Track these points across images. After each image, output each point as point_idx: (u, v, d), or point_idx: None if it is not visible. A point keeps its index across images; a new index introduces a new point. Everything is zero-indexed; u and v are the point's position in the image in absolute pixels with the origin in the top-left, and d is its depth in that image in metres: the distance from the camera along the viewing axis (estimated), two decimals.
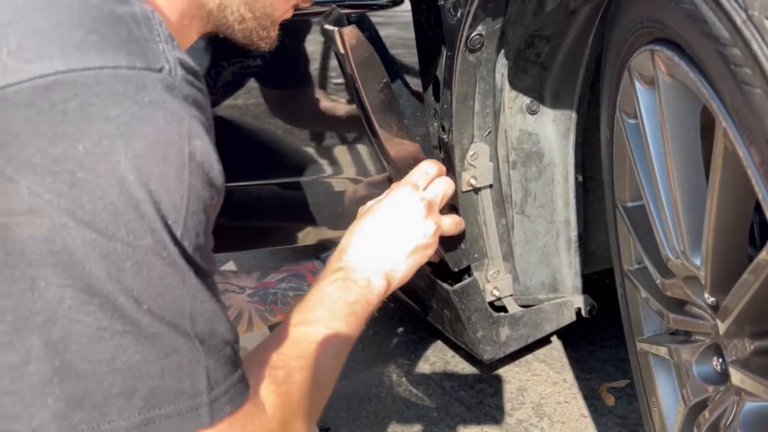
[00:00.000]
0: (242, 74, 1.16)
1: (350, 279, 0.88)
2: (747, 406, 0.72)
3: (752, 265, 0.62)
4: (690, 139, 0.74)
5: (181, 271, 0.53)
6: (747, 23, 0.53)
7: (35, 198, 0.47)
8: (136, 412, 0.52)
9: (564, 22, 0.98)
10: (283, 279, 1.11)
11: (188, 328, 0.53)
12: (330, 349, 0.81)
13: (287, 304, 1.09)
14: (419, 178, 0.98)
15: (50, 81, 0.47)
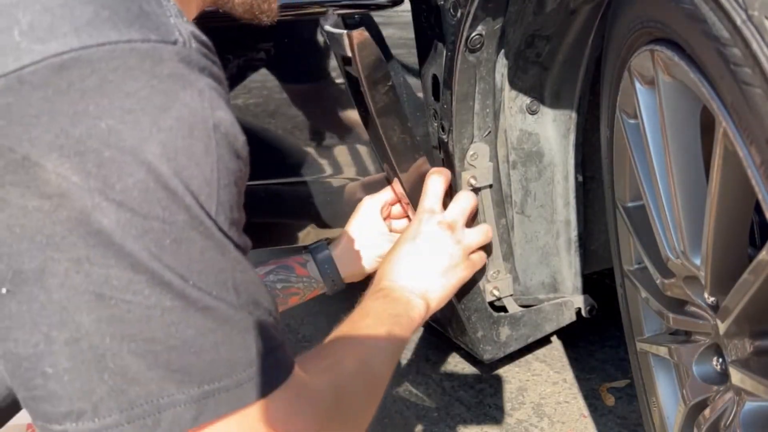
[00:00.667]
0: (243, 71, 1.16)
1: (391, 297, 0.93)
2: (747, 406, 0.72)
3: (752, 265, 0.63)
4: (690, 139, 0.74)
5: (220, 245, 0.52)
6: (747, 23, 0.53)
7: (64, 180, 0.47)
8: (195, 386, 0.52)
9: (564, 22, 0.98)
10: (271, 272, 1.09)
11: (234, 300, 0.53)
12: (379, 351, 0.82)
13: (276, 296, 1.07)
14: (432, 203, 1.02)
15: (65, 59, 0.46)
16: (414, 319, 0.92)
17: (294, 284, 1.09)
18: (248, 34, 1.13)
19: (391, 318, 0.89)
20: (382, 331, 0.85)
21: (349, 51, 0.95)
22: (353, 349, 0.80)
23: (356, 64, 0.95)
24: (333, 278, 1.10)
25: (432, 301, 0.97)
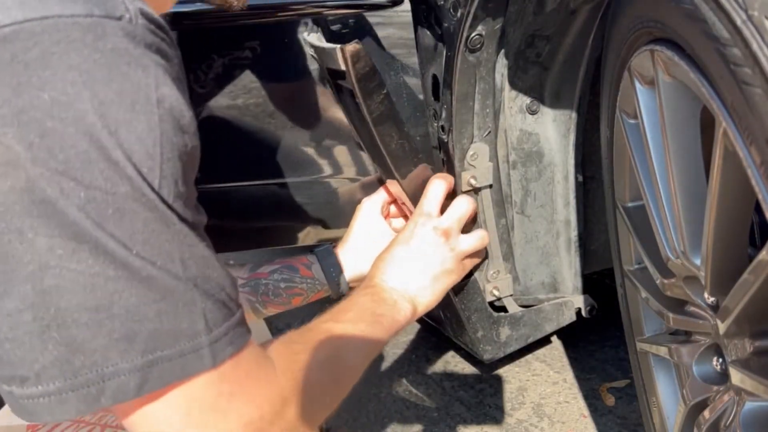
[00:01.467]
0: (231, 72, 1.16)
1: (379, 296, 0.93)
2: (747, 406, 0.72)
3: (752, 265, 0.62)
4: (690, 139, 0.74)
5: (164, 217, 0.53)
6: (747, 23, 0.53)
7: (8, 150, 0.47)
8: (139, 355, 0.53)
9: (564, 22, 0.98)
10: (275, 271, 1.09)
11: (180, 272, 0.54)
12: (353, 346, 0.83)
13: (279, 296, 1.09)
14: (431, 207, 1.02)
15: (8, 32, 0.47)
16: (398, 321, 0.93)
17: (298, 285, 1.09)
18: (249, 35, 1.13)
19: (374, 316, 0.89)
20: (362, 327, 0.86)
21: (343, 65, 0.95)
22: (327, 340, 0.79)
23: (350, 76, 0.95)
24: (338, 282, 1.10)
25: (419, 306, 0.98)
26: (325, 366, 0.75)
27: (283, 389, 0.65)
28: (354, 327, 0.85)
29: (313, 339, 0.77)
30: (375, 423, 1.39)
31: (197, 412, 0.57)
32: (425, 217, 1.01)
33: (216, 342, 0.57)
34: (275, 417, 0.63)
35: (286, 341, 0.74)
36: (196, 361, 0.55)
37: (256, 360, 0.63)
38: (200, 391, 0.57)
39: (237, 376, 0.59)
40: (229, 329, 0.58)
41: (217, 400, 0.58)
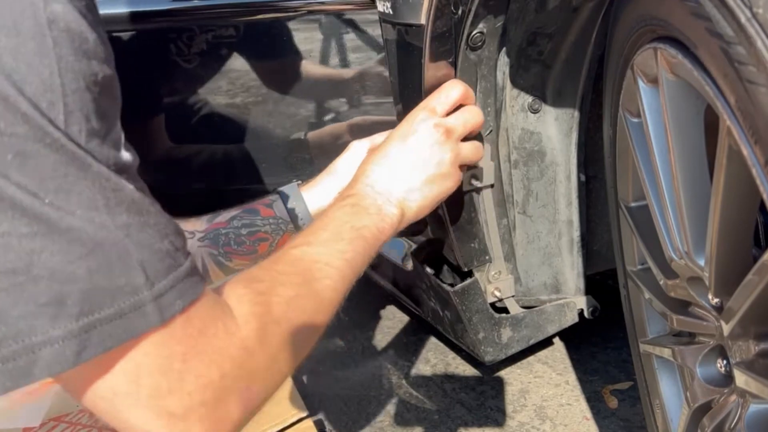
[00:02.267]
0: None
1: (360, 206, 0.83)
2: (751, 409, 0.71)
3: (757, 266, 0.62)
4: (694, 138, 0.73)
5: (76, 158, 0.46)
6: (751, 21, 0.52)
7: None
8: (72, 320, 0.47)
9: (566, 20, 0.98)
10: (234, 217, 1.00)
11: (107, 221, 0.48)
12: (329, 270, 0.73)
13: (242, 244, 0.99)
14: (437, 103, 0.91)
15: None
16: (383, 231, 0.83)
17: (261, 228, 1.00)
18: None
19: (354, 231, 0.79)
20: (341, 246, 0.76)
21: (424, 18, 0.89)
22: (298, 269, 0.70)
23: (427, 32, 0.90)
24: (302, 217, 1.00)
25: (409, 210, 0.87)
26: (296, 304, 0.66)
27: (245, 340, 0.59)
28: (331, 248, 0.75)
29: (280, 272, 0.68)
30: (375, 425, 1.38)
31: (147, 378, 0.52)
32: (429, 111, 0.90)
33: (161, 296, 0.51)
34: (240, 372, 0.58)
35: (248, 279, 0.66)
36: (139, 319, 0.50)
37: (211, 312, 0.56)
38: (148, 353, 0.52)
39: (189, 334, 0.54)
40: (176, 281, 0.52)
41: (169, 362, 0.53)
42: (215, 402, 0.56)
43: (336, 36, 1.17)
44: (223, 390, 0.56)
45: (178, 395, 0.53)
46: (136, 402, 0.53)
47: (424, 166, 0.88)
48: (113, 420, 0.54)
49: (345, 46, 1.19)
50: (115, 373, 0.51)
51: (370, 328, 1.77)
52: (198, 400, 0.54)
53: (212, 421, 0.56)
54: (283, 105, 1.27)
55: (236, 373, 0.57)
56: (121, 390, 0.52)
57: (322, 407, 1.46)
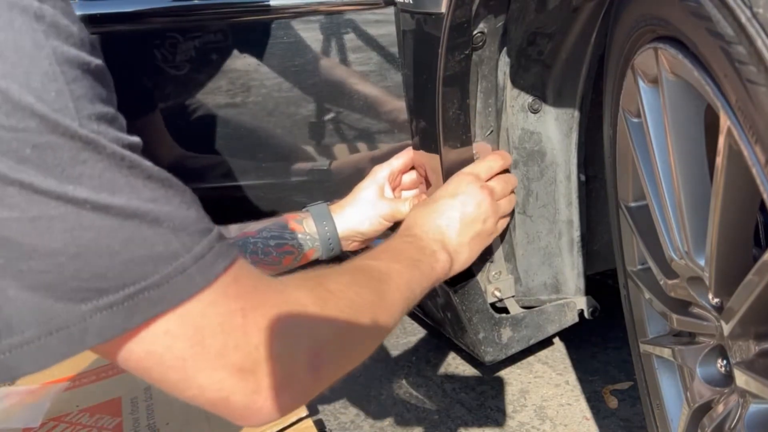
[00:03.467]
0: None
1: (418, 245, 0.91)
2: (752, 409, 0.71)
3: (757, 266, 0.62)
4: (694, 138, 0.73)
5: (90, 142, 0.48)
6: (752, 20, 0.52)
7: None
8: (119, 289, 0.49)
9: (566, 20, 0.98)
10: (264, 228, 1.04)
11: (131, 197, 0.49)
12: (388, 278, 0.78)
13: (269, 254, 1.03)
14: (482, 170, 1.02)
15: None
16: (435, 272, 0.90)
17: (288, 241, 1.04)
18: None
19: (411, 261, 0.86)
20: (399, 268, 0.81)
21: (445, 6, 0.91)
22: (357, 269, 0.76)
23: (447, 21, 0.91)
24: (329, 235, 1.06)
25: (456, 263, 0.96)
26: (355, 289, 0.70)
27: (300, 299, 0.61)
28: (392, 265, 0.80)
29: (337, 271, 0.73)
30: (375, 425, 1.38)
31: (210, 338, 0.54)
32: (474, 176, 1.01)
33: (201, 258, 0.52)
34: (301, 330, 0.60)
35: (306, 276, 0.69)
36: (185, 282, 0.52)
37: (257, 273, 0.59)
38: (205, 314, 0.53)
39: (242, 290, 0.56)
40: (212, 243, 0.54)
41: (229, 319, 0.54)
42: (284, 356, 0.58)
43: (337, 37, 1.17)
44: (290, 344, 0.58)
45: (244, 350, 0.55)
46: (205, 364, 0.54)
47: (473, 223, 0.98)
48: (187, 390, 0.55)
49: (345, 47, 1.18)
50: (177, 339, 0.53)
51: None
52: (265, 353, 0.56)
53: (283, 376, 0.58)
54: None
55: (298, 330, 0.59)
56: (188, 354, 0.53)
57: (322, 407, 1.46)
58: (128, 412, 1.39)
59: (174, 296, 0.51)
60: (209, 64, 1.23)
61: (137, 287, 0.50)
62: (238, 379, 0.56)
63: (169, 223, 0.51)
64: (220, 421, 1.43)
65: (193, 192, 0.56)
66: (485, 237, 1.01)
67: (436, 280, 0.90)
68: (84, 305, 0.49)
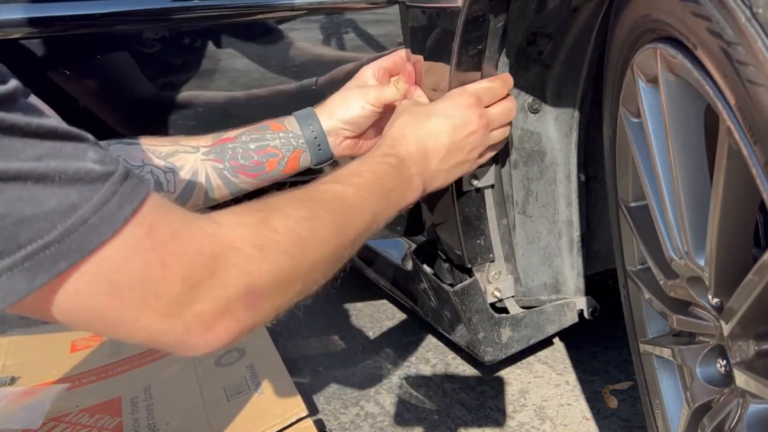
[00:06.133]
0: None
1: (396, 168, 0.86)
2: (751, 409, 0.71)
3: (757, 266, 0.62)
4: (694, 138, 0.73)
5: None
6: (752, 20, 0.52)
7: None
8: (14, 252, 0.47)
9: (566, 20, 0.98)
10: (243, 132, 0.97)
11: (8, 162, 0.47)
12: (352, 209, 0.75)
13: (250, 158, 0.96)
14: (485, 94, 0.96)
15: None
16: (405, 201, 0.87)
17: (269, 142, 0.97)
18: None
19: (382, 189, 0.81)
20: (365, 196, 0.78)
21: (461, 0, 0.89)
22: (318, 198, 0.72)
23: (462, 16, 0.90)
24: (315, 134, 0.98)
25: (429, 188, 0.92)
26: (308, 224, 0.67)
27: (233, 241, 0.58)
28: (362, 195, 0.77)
29: (297, 198, 0.69)
30: (375, 425, 1.38)
31: (128, 291, 0.52)
32: (477, 99, 0.95)
33: (103, 206, 0.50)
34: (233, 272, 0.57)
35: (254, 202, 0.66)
36: (88, 233, 0.49)
37: (179, 216, 0.56)
38: (118, 269, 0.51)
39: (160, 240, 0.53)
40: (115, 187, 0.51)
41: (147, 271, 0.52)
42: (211, 298, 0.56)
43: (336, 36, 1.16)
44: (218, 286, 0.56)
45: (167, 298, 0.54)
46: (127, 315, 0.53)
47: (459, 152, 0.93)
48: (116, 335, 0.55)
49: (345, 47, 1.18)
50: (93, 295, 0.51)
51: (370, 328, 1.76)
52: (190, 298, 0.55)
53: (212, 316, 0.56)
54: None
55: (230, 272, 0.57)
56: (107, 308, 0.52)
57: (322, 407, 1.46)
58: (128, 412, 1.39)
59: (77, 249, 0.49)
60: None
61: (34, 246, 0.48)
62: (166, 324, 0.55)
63: (60, 176, 0.48)
64: (221, 421, 1.44)
65: (86, 133, 0.53)
66: (466, 167, 0.96)
67: (402, 208, 0.87)
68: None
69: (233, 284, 0.58)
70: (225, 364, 1.55)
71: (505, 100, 0.99)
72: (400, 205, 0.85)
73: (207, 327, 0.56)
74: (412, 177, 0.88)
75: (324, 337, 1.76)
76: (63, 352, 1.59)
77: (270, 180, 0.99)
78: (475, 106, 0.94)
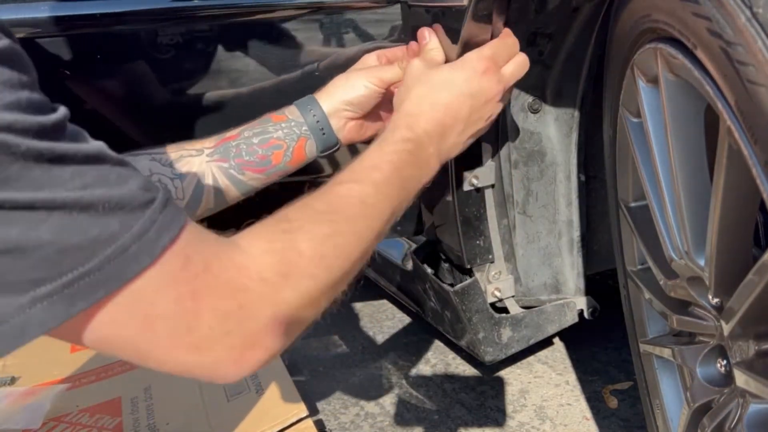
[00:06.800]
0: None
1: (414, 155, 0.82)
2: (751, 408, 0.71)
3: (757, 266, 0.62)
4: (694, 138, 0.73)
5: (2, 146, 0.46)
6: (752, 20, 0.52)
7: None
8: (56, 279, 0.47)
9: (566, 20, 0.98)
10: (245, 129, 0.95)
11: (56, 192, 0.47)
12: (374, 212, 0.73)
13: (254, 154, 0.95)
14: (502, 54, 0.91)
15: None
16: (421, 184, 0.84)
17: (272, 134, 0.95)
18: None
19: (402, 181, 0.79)
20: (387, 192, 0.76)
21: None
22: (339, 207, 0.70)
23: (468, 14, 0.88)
24: (317, 118, 0.95)
25: (444, 161, 0.89)
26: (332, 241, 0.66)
27: (261, 272, 0.58)
28: (381, 192, 0.74)
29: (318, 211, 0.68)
30: (375, 425, 1.38)
31: (161, 323, 0.52)
32: (494, 64, 0.90)
33: (143, 235, 0.50)
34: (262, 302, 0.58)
35: (275, 220, 0.65)
36: (128, 263, 0.49)
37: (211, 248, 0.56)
38: (152, 301, 0.51)
39: (193, 272, 0.53)
40: (155, 216, 0.51)
41: (179, 304, 0.53)
42: (240, 331, 0.57)
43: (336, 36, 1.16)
44: (246, 319, 0.57)
45: (198, 332, 0.54)
46: (158, 346, 0.54)
47: (477, 123, 0.90)
48: (146, 364, 0.55)
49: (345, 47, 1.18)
50: (124, 327, 0.52)
51: (370, 328, 1.76)
52: (221, 331, 0.55)
53: (242, 349, 0.57)
54: None
55: (257, 304, 0.58)
56: (139, 340, 0.53)
57: (322, 407, 1.46)
58: (128, 412, 1.39)
59: (116, 278, 0.49)
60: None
61: (75, 274, 0.48)
62: (196, 356, 0.55)
63: (104, 205, 0.49)
64: (221, 421, 1.44)
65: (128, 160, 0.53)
66: (482, 131, 0.93)
67: (421, 190, 0.84)
68: (22, 297, 0.47)
69: (261, 315, 0.58)
70: None
71: (518, 55, 0.94)
72: (417, 190, 0.83)
73: (236, 359, 0.57)
74: (430, 158, 0.85)
75: (324, 337, 1.76)
76: (63, 352, 1.59)
77: (278, 174, 0.98)
78: (493, 71, 0.90)
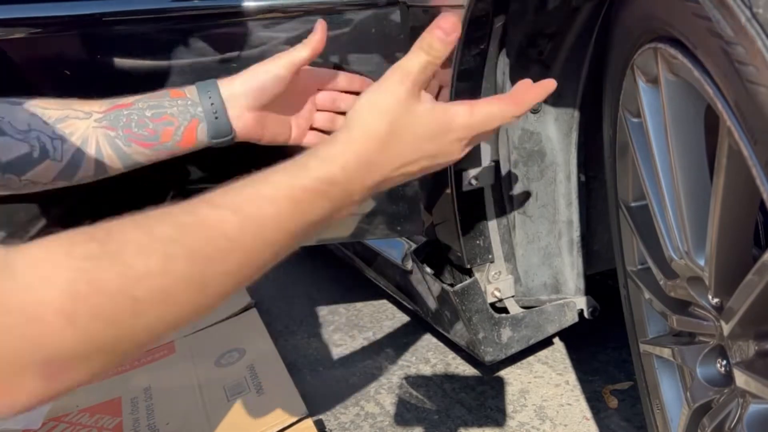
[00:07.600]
0: None
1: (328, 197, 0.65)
2: (751, 409, 0.71)
3: (757, 266, 0.62)
4: (694, 138, 0.73)
5: None
6: (752, 20, 0.52)
7: None
8: None
9: (566, 20, 0.98)
10: (141, 99, 0.89)
11: None
12: (239, 259, 0.57)
13: (144, 127, 0.88)
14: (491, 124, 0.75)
15: None
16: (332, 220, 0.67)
17: (167, 109, 0.89)
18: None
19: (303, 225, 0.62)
20: (268, 236, 0.59)
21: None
22: (191, 240, 0.54)
23: (466, 14, 0.88)
24: (212, 101, 0.88)
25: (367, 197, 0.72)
26: (157, 283, 0.51)
27: (33, 299, 0.47)
28: (261, 232, 0.58)
29: (158, 238, 0.53)
30: (375, 425, 1.38)
31: None
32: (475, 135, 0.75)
33: None
34: (30, 346, 0.47)
35: (91, 232, 0.51)
36: None
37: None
38: None
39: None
40: None
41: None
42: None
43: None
44: (12, 356, 0.47)
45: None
46: None
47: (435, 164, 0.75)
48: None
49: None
50: None
51: (369, 328, 1.77)
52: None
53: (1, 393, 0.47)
54: None
55: (26, 341, 0.47)
56: None
57: (322, 407, 1.46)
58: (128, 412, 1.39)
59: None
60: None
61: None
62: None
63: None
64: (221, 421, 1.44)
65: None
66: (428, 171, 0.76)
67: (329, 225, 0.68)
68: None
69: (28, 354, 0.48)
70: (225, 364, 1.55)
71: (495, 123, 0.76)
72: (323, 226, 0.67)
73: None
74: (351, 205, 0.69)
75: (324, 337, 1.76)
76: None
77: (165, 153, 0.91)
78: (471, 140, 0.76)
